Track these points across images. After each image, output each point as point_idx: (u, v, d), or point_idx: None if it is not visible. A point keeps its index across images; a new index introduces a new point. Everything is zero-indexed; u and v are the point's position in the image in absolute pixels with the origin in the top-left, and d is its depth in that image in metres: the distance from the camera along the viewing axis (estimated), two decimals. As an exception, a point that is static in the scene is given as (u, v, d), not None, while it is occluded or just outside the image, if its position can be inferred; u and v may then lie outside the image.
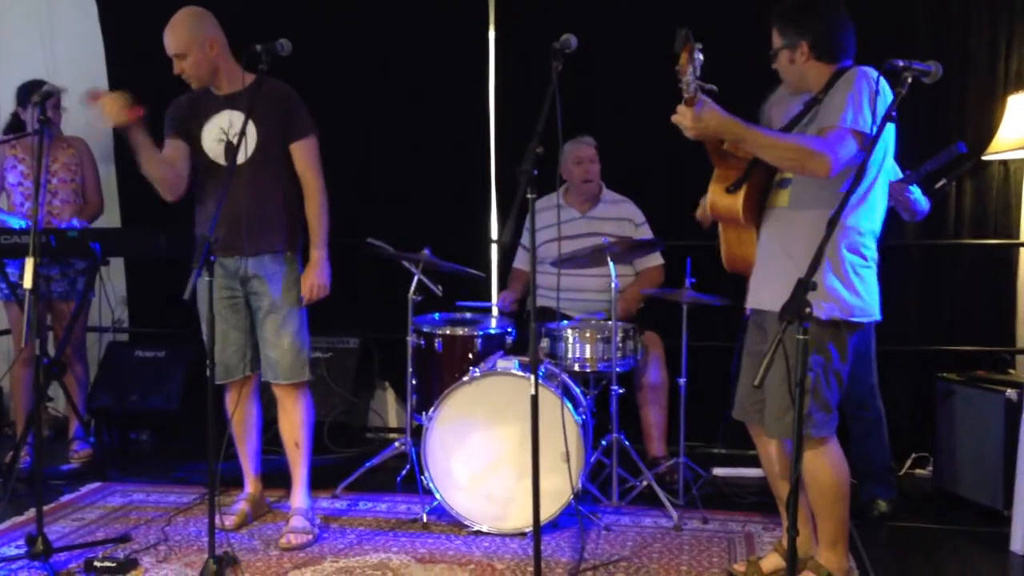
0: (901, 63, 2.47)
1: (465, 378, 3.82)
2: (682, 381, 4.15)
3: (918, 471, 4.59)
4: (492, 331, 4.27)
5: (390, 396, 5.48)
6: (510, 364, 3.87)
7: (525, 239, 4.82)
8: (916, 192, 3.82)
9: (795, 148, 2.85)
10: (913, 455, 4.63)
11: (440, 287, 4.39)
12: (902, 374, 4.73)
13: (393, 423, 5.44)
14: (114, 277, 5.42)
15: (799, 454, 2.34)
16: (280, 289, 3.68)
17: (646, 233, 4.63)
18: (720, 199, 3.07)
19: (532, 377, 2.85)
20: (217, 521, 3.77)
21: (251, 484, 3.99)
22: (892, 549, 3.67)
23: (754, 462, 4.54)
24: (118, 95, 3.44)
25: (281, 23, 4.07)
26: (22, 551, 3.50)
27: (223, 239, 3.66)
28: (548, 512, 3.71)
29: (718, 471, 4.46)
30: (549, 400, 3.74)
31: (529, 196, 2.77)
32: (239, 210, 3.55)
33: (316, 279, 3.70)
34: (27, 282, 3.33)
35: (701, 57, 2.77)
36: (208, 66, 3.61)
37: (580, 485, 3.73)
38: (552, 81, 2.85)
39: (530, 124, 5.05)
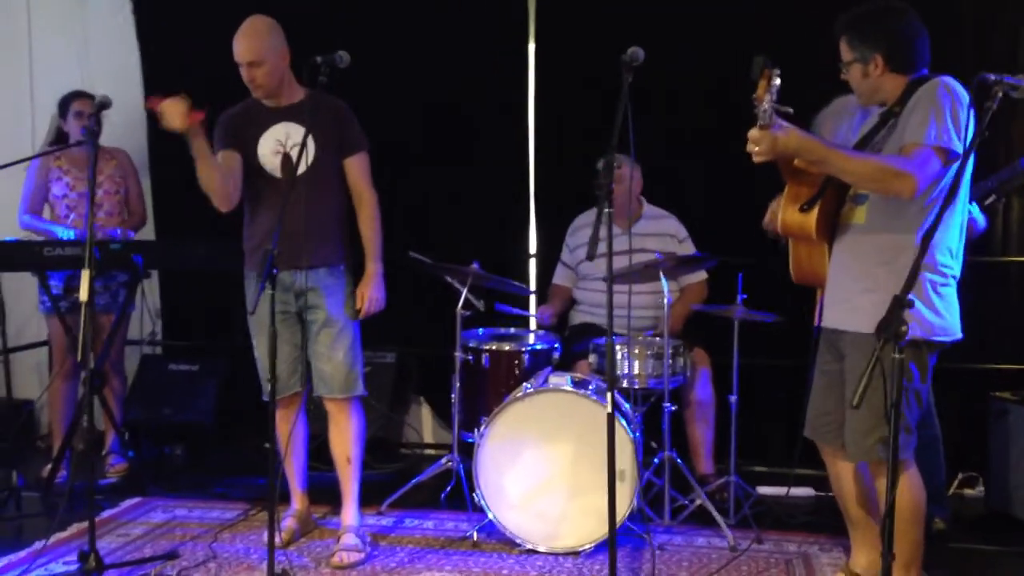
0: (992, 77, 2.43)
1: (518, 394, 3.77)
2: (733, 399, 4.10)
3: (967, 491, 4.53)
4: (539, 347, 4.23)
5: (426, 411, 5.43)
6: (562, 380, 3.83)
7: (564, 255, 4.78)
8: (975, 210, 3.79)
9: (879, 168, 2.80)
10: (960, 475, 4.57)
11: (482, 302, 4.35)
12: (947, 392, 4.67)
13: (430, 439, 5.38)
14: (149, 289, 5.38)
15: (895, 478, 2.29)
16: (336, 303, 3.65)
17: (690, 248, 4.59)
18: (793, 218, 3.03)
19: (609, 396, 2.80)
20: (265, 538, 3.76)
21: (298, 500, 3.94)
22: (953, 570, 3.61)
23: (800, 481, 4.56)
24: (179, 99, 3.40)
25: (317, 35, 4.05)
26: (72, 568, 3.45)
27: (279, 252, 3.63)
28: (602, 531, 3.67)
29: (764, 490, 4.40)
30: (603, 417, 3.70)
31: (607, 210, 2.72)
32: (296, 223, 3.52)
33: (373, 292, 3.67)
34: (83, 294, 3.28)
35: (779, 82, 2.74)
36: (279, 77, 3.59)
37: (635, 503, 3.68)
38: (623, 93, 2.81)
39: (570, 138, 5.14)
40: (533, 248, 5.20)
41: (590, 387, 3.82)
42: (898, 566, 3.06)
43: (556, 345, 4.28)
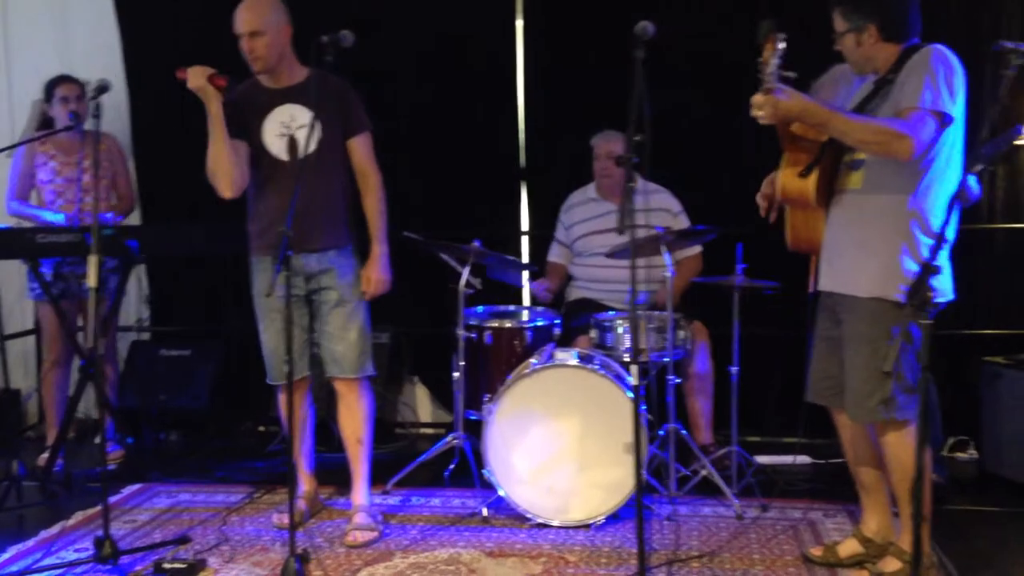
0: (1010, 45, 2.48)
1: (525, 371, 3.79)
2: (734, 370, 4.14)
3: (958, 454, 4.63)
4: (540, 323, 4.25)
5: (420, 391, 5.43)
6: (568, 356, 3.86)
7: (559, 233, 4.79)
8: (971, 179, 3.85)
9: (879, 131, 2.86)
10: (952, 439, 4.66)
11: (479, 280, 4.36)
12: (938, 358, 4.75)
13: (426, 418, 5.39)
14: (135, 275, 5.31)
15: (923, 440, 2.34)
16: (346, 283, 3.65)
17: (684, 222, 4.62)
18: (792, 183, 3.08)
19: (634, 369, 2.83)
20: (274, 519, 3.78)
21: (306, 482, 3.94)
22: (953, 532, 3.67)
23: (795, 449, 4.63)
24: (205, 67, 3.42)
25: (307, 14, 4.02)
26: (85, 554, 3.44)
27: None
28: (611, 504, 3.72)
29: (761, 459, 4.46)
30: (610, 391, 3.74)
31: (630, 184, 2.73)
32: (305, 205, 3.49)
33: (379, 274, 3.66)
34: (91, 280, 3.25)
35: (783, 47, 2.78)
36: (278, 52, 3.55)
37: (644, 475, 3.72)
38: (636, 70, 2.82)
39: (560, 114, 5.13)
40: (525, 225, 5.22)
41: (595, 361, 3.85)
42: (907, 528, 3.15)
43: (557, 321, 4.30)
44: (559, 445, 3.77)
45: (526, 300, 5.21)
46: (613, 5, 4.86)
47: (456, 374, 4.25)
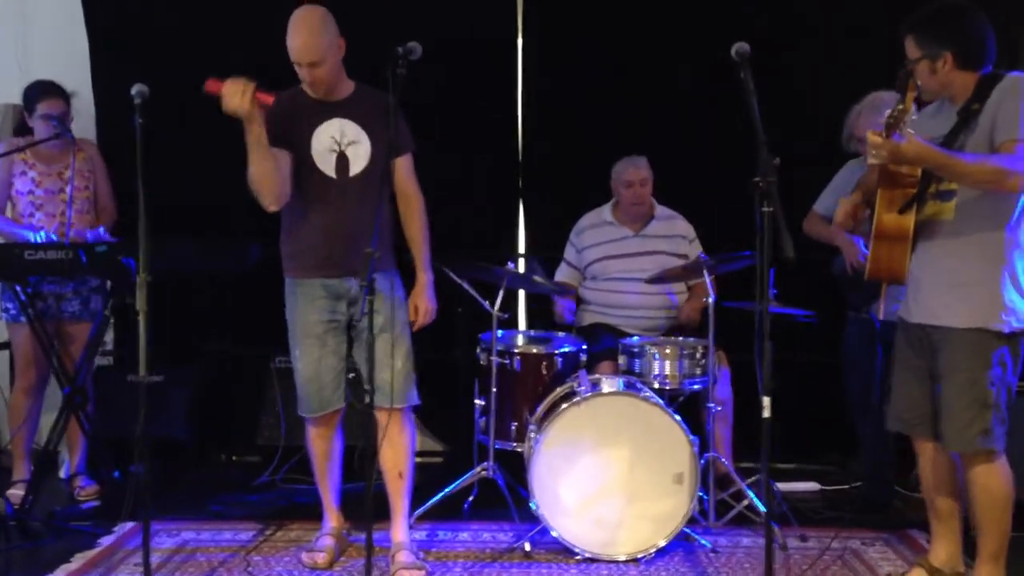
0: None
1: (575, 399, 3.65)
2: (765, 398, 4.08)
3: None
4: (567, 348, 4.12)
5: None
6: (614, 383, 3.75)
7: (569, 255, 4.68)
8: None
9: (994, 171, 2.88)
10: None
11: (488, 303, 4.21)
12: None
13: (421, 446, 5.16)
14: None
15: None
16: (392, 309, 3.43)
17: (699, 248, 4.58)
18: (890, 220, 3.05)
19: (766, 400, 2.71)
20: (305, 558, 3.53)
21: (333, 518, 3.70)
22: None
23: (804, 476, 4.64)
24: (244, 80, 3.09)
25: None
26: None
27: (328, 257, 3.40)
28: (660, 537, 3.62)
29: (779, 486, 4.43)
30: (661, 419, 3.65)
31: (765, 209, 2.64)
32: (350, 227, 3.34)
33: (427, 303, 3.48)
34: (140, 303, 2.97)
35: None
36: (337, 71, 3.36)
37: (695, 508, 3.65)
38: (747, 88, 2.73)
39: (560, 133, 5.02)
40: (522, 247, 5.09)
41: (643, 390, 3.76)
42: (985, 557, 3.15)
43: (584, 347, 4.18)
44: (607, 475, 3.64)
45: (521, 323, 5.09)
46: (618, 23, 4.82)
47: (479, 401, 4.16)
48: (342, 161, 3.38)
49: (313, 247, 3.40)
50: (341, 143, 3.37)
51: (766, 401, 2.72)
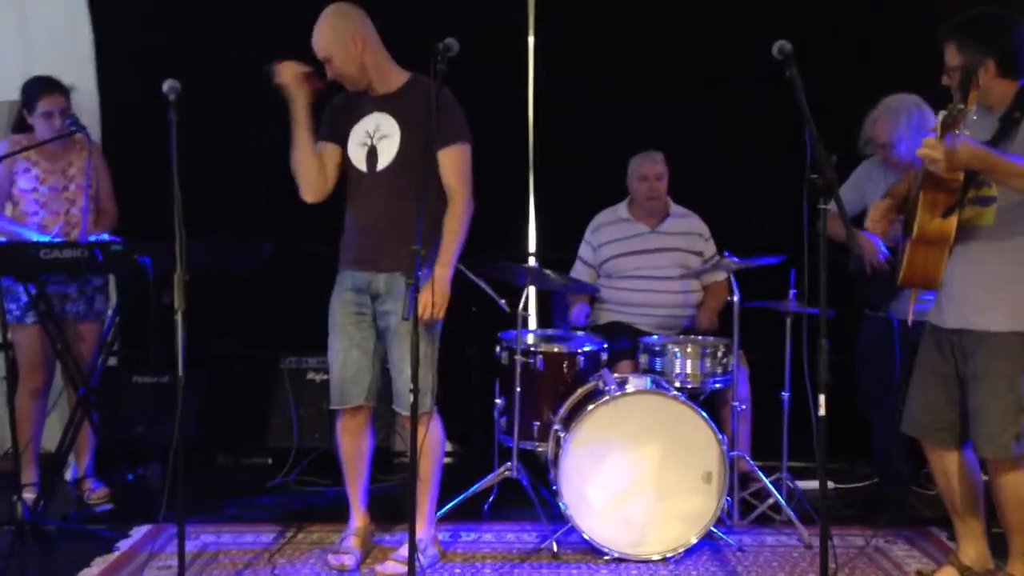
0: None
1: (604, 398, 3.63)
2: (785, 395, 4.10)
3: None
4: (588, 348, 4.10)
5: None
6: (642, 382, 3.74)
7: (585, 253, 4.66)
8: None
9: None
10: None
11: (505, 301, 4.20)
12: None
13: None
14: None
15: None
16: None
17: (713, 246, 4.59)
18: (932, 224, 3.02)
19: (821, 399, 2.69)
20: (331, 560, 3.49)
21: (359, 519, 3.65)
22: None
23: (816, 473, 4.62)
24: (303, 63, 3.24)
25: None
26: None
27: (358, 251, 3.39)
28: (690, 535, 3.61)
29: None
30: (690, 418, 3.64)
31: (821, 207, 2.63)
32: (374, 222, 3.34)
33: (427, 295, 3.27)
34: (177, 302, 2.91)
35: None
36: (355, 65, 3.32)
37: (723, 507, 3.65)
38: (796, 87, 2.72)
39: (570, 132, 5.01)
40: (532, 246, 5.07)
41: (670, 389, 3.75)
42: (1017, 554, 3.17)
43: (605, 345, 4.16)
44: (636, 475, 3.63)
45: (532, 322, 5.06)
46: (628, 25, 4.81)
47: (499, 401, 4.13)
48: (372, 155, 3.37)
49: (349, 241, 3.45)
50: (373, 137, 3.36)
51: (821, 399, 2.66)
